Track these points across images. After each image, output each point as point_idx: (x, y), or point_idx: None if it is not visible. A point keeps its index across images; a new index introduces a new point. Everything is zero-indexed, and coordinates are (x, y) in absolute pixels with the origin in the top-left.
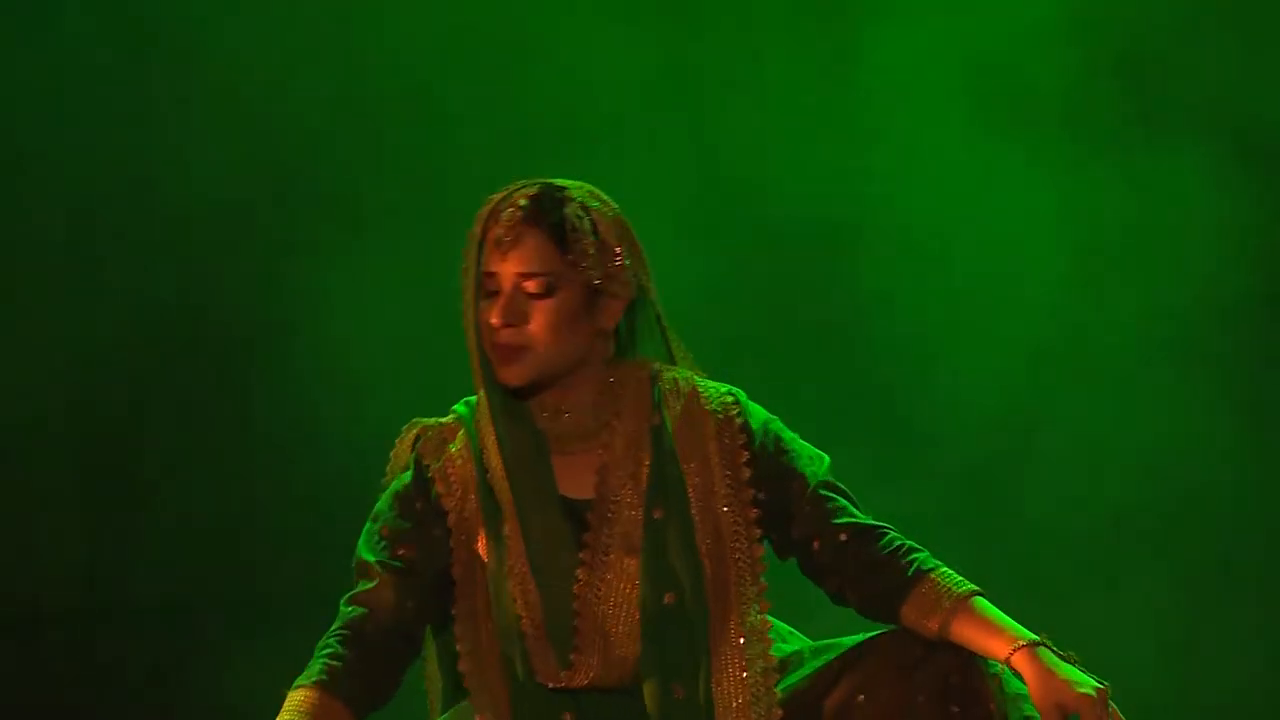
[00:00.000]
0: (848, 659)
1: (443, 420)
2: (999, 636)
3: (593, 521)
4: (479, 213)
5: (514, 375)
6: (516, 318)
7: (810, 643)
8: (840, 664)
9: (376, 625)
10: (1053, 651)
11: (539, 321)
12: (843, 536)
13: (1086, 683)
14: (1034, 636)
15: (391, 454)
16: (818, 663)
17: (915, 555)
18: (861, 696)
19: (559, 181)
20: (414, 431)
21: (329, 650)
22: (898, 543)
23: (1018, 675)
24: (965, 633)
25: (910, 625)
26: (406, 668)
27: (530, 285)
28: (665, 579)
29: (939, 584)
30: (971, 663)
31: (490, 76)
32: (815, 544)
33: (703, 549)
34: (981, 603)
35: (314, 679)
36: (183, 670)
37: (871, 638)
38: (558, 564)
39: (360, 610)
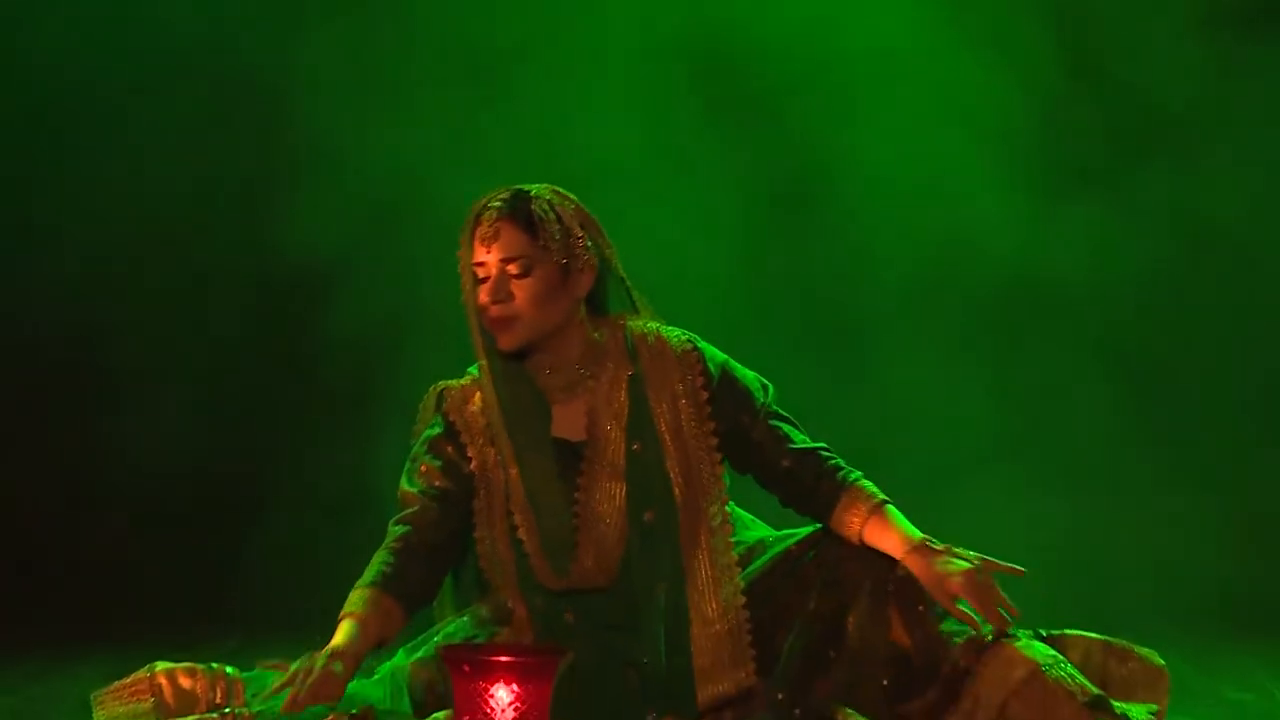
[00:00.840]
0: (805, 542)
1: (463, 381)
2: (896, 541)
3: (587, 456)
4: (465, 220)
5: (507, 342)
6: (503, 295)
7: (773, 531)
8: (798, 547)
9: (420, 539)
10: (931, 548)
11: (522, 297)
12: (786, 463)
13: (961, 565)
14: (920, 537)
15: (420, 408)
16: (778, 548)
17: (841, 473)
18: (818, 568)
19: (525, 186)
20: (439, 390)
21: (382, 559)
22: (830, 463)
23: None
24: (874, 538)
25: (837, 530)
26: (445, 575)
27: (511, 268)
28: (645, 500)
29: (857, 496)
30: None
31: None
32: (767, 469)
33: (674, 473)
34: (890, 510)
35: (369, 580)
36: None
37: (824, 527)
38: (553, 494)
39: (406, 528)
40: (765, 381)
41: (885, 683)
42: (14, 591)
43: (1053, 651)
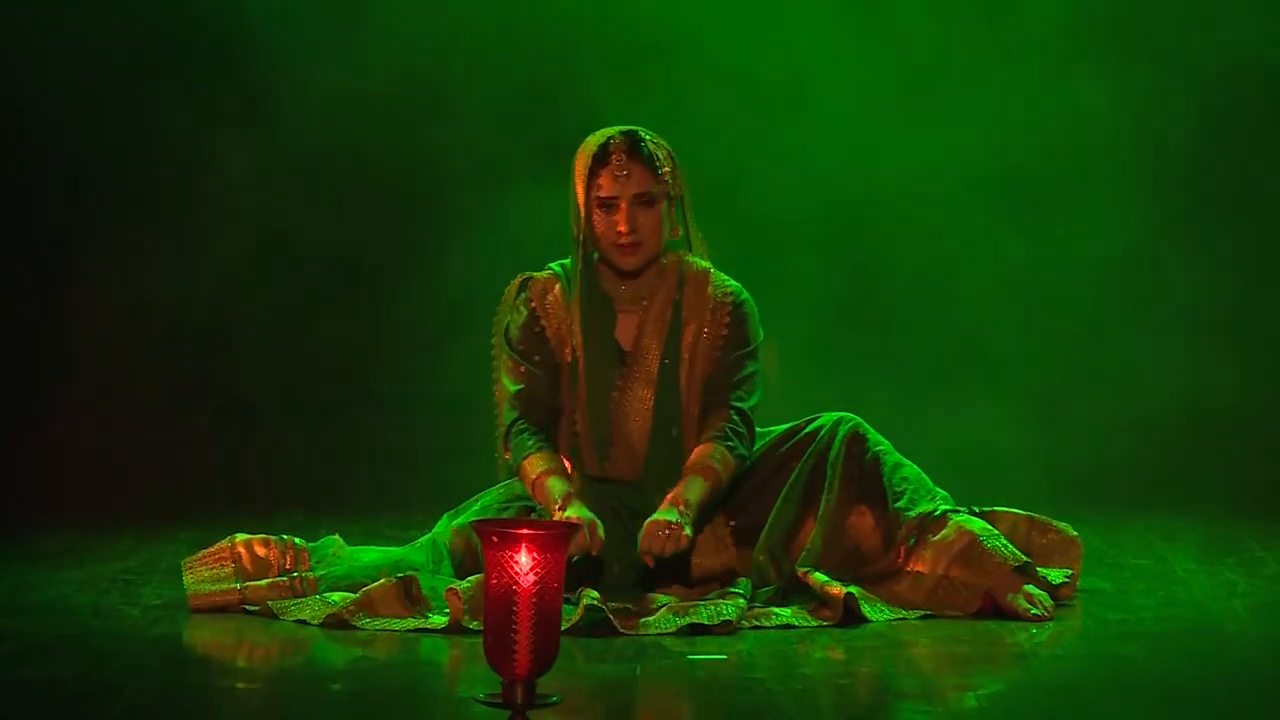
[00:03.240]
0: (783, 435)
1: (544, 274)
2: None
3: (629, 362)
4: (581, 155)
5: (634, 263)
6: (634, 224)
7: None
8: (778, 439)
9: (533, 410)
10: (676, 508)
11: (648, 225)
12: (704, 403)
13: (662, 519)
14: (685, 497)
15: (503, 294)
16: (761, 443)
17: (716, 437)
18: (795, 455)
19: (630, 127)
20: (522, 279)
21: (524, 433)
22: (721, 427)
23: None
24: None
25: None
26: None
27: (641, 200)
28: (672, 413)
29: (700, 453)
30: (858, 434)
31: None
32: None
33: (685, 385)
34: (699, 478)
35: (531, 450)
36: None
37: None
38: (604, 391)
39: (522, 406)
40: (759, 342)
41: (849, 549)
42: (114, 476)
43: (986, 525)
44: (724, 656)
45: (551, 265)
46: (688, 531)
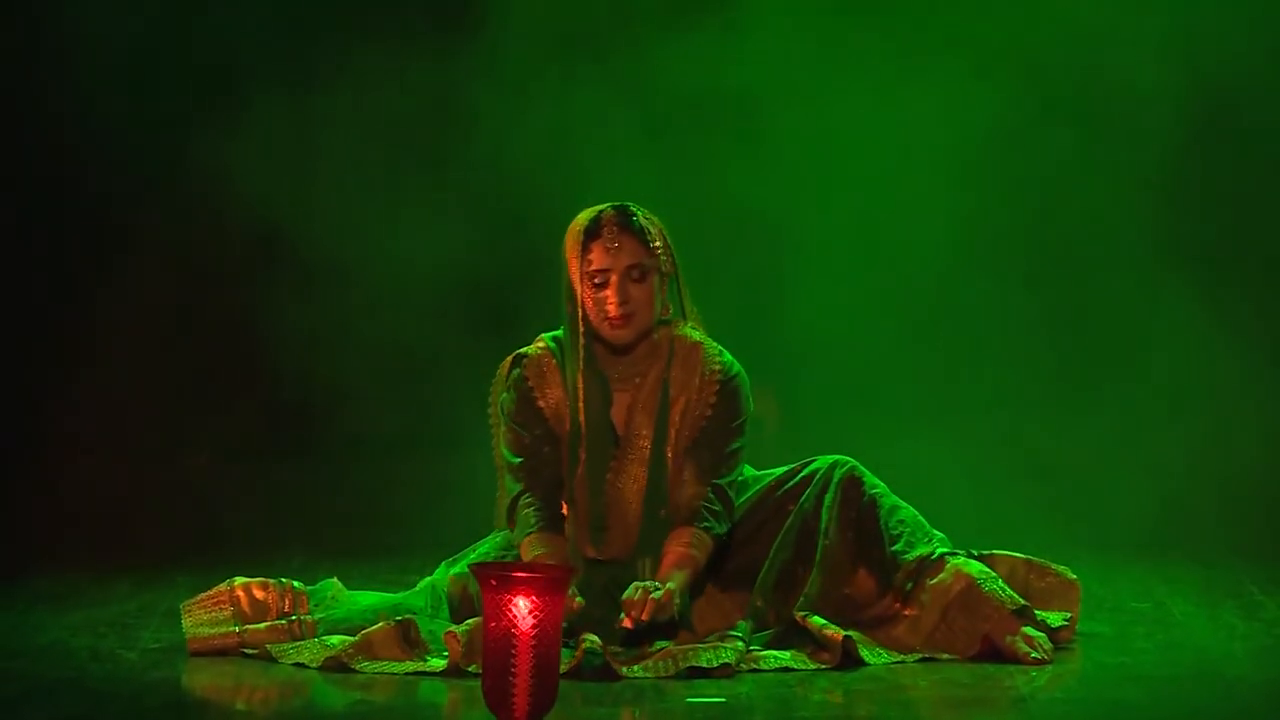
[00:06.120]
0: (779, 479)
1: (537, 350)
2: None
3: (622, 442)
4: (572, 231)
5: (626, 335)
6: (626, 296)
7: (751, 470)
8: (775, 483)
9: (538, 482)
10: (656, 586)
11: (639, 298)
12: (683, 476)
13: (650, 584)
14: (669, 585)
15: (497, 372)
16: (756, 487)
17: (695, 518)
18: (792, 499)
19: (621, 203)
20: (514, 355)
21: (529, 508)
22: (701, 506)
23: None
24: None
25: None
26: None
27: (633, 273)
28: (661, 493)
29: (678, 537)
30: (854, 478)
31: None
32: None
33: (670, 461)
34: (681, 565)
35: (533, 528)
36: None
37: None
38: (599, 472)
39: (525, 478)
40: (747, 417)
41: (847, 592)
42: (110, 520)
43: (985, 568)
44: (723, 699)
45: (543, 337)
46: (675, 611)
